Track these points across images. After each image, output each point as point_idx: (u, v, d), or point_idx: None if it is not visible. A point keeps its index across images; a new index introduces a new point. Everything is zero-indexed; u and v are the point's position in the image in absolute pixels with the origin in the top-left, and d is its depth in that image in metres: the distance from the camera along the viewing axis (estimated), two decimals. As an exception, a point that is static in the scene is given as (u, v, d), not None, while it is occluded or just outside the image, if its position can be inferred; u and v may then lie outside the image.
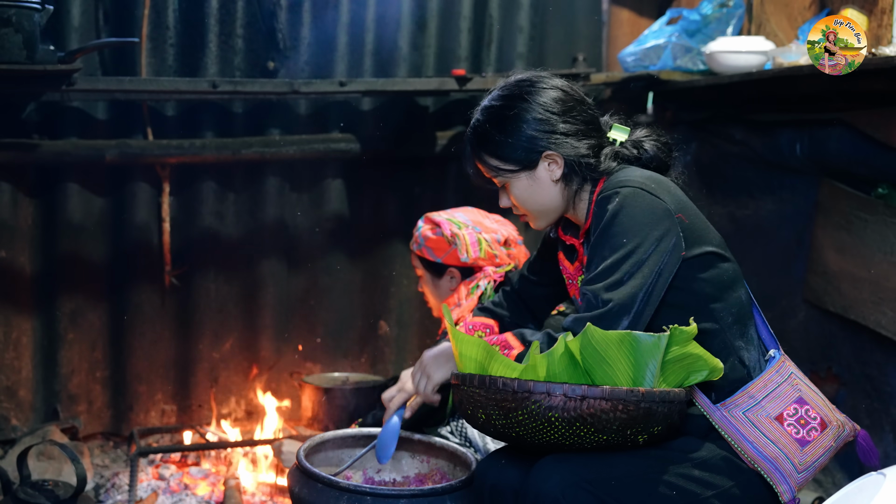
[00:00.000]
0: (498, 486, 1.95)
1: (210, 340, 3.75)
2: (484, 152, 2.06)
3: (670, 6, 3.98)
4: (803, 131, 3.20)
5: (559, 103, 2.03)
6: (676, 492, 1.83)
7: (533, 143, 2.01)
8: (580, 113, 2.05)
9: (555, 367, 1.77)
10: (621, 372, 1.76)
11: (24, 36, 2.66)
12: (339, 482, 2.14)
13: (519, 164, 2.03)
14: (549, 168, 2.03)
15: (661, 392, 1.75)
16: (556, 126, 2.01)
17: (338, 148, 3.69)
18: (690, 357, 1.80)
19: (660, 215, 1.88)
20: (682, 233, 1.90)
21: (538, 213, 2.10)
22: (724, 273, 1.97)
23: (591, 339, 1.74)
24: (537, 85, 2.05)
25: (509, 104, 2.03)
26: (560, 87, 2.05)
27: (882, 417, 3.04)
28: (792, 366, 2.00)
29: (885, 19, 2.97)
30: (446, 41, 3.86)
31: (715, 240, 1.98)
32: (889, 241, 2.92)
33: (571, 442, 1.78)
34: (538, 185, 2.05)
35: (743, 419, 1.90)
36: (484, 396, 1.80)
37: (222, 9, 3.56)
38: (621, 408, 1.73)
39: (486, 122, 2.05)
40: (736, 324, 1.96)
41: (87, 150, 3.41)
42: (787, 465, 1.88)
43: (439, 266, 2.85)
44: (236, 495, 3.08)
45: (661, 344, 1.75)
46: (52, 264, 3.53)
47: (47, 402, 3.61)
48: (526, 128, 2.01)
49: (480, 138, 2.06)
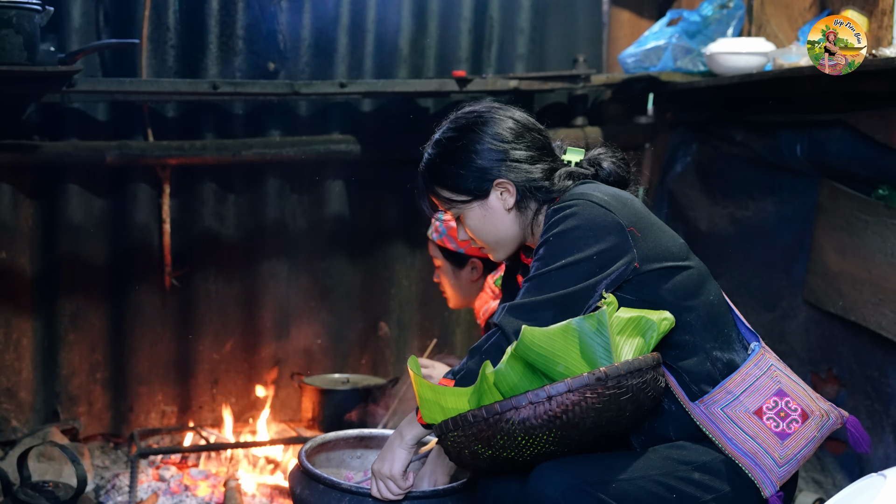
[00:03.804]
0: (501, 497, 1.95)
1: (210, 341, 3.75)
2: (436, 184, 2.08)
3: (671, 7, 3.98)
4: (804, 133, 3.20)
5: (509, 132, 2.04)
6: (676, 495, 1.83)
7: (483, 173, 2.02)
8: (531, 140, 2.06)
9: (511, 380, 1.77)
10: (576, 361, 1.76)
11: (24, 37, 2.66)
12: (341, 483, 2.14)
13: (470, 195, 2.04)
14: (500, 197, 2.03)
15: (625, 364, 1.75)
16: (507, 154, 2.02)
17: (338, 149, 3.69)
18: (631, 321, 1.81)
19: (609, 229, 1.88)
20: (635, 246, 1.89)
21: (494, 243, 2.10)
22: (688, 280, 1.95)
23: (532, 341, 1.74)
24: (485, 115, 2.06)
25: (458, 136, 2.05)
26: (510, 117, 2.07)
27: (883, 419, 3.04)
28: (772, 357, 1.99)
29: (885, 21, 2.97)
30: (447, 42, 3.87)
31: (673, 251, 1.96)
32: (889, 242, 2.92)
33: (562, 448, 1.78)
34: (491, 215, 2.05)
35: (721, 415, 1.90)
36: (462, 436, 1.80)
37: (223, 10, 3.56)
38: (590, 394, 1.72)
39: (437, 156, 2.07)
40: (707, 326, 1.94)
41: (87, 151, 3.42)
42: (766, 460, 1.87)
43: (461, 256, 2.80)
44: (237, 496, 3.08)
45: (603, 319, 1.75)
46: (52, 265, 3.53)
47: (48, 404, 3.61)
48: (476, 158, 2.02)
49: (432, 171, 2.08)
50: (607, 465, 1.84)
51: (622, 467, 1.84)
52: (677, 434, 1.94)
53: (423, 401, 1.87)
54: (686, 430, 1.93)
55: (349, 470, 2.47)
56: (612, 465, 1.84)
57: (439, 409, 1.85)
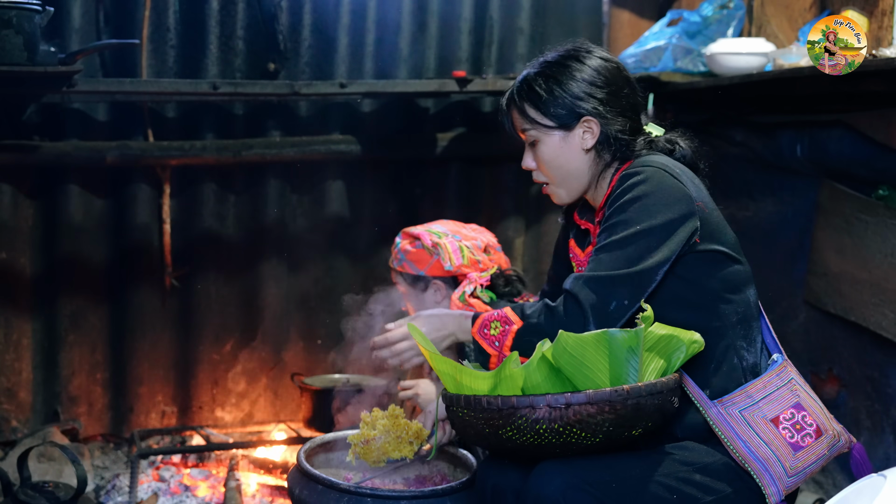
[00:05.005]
0: (499, 487, 1.95)
1: (210, 342, 3.75)
2: (527, 102, 2.06)
3: (671, 8, 3.98)
4: (804, 133, 3.20)
5: (611, 74, 2.04)
6: (677, 496, 1.83)
7: (576, 104, 2.01)
8: (629, 94, 2.06)
9: (535, 377, 1.77)
10: (602, 372, 1.75)
11: (24, 37, 2.66)
12: (340, 483, 2.14)
13: (556, 121, 2.03)
14: (583, 136, 2.03)
15: (647, 385, 1.74)
16: (602, 95, 2.02)
17: (338, 150, 3.69)
18: (663, 339, 1.81)
19: (679, 198, 1.90)
20: (700, 220, 1.91)
21: (561, 179, 2.08)
22: (736, 274, 1.97)
23: (565, 346, 1.73)
24: (595, 52, 2.06)
25: (563, 61, 2.05)
26: (618, 65, 2.07)
27: (883, 419, 3.04)
28: (794, 371, 1.99)
29: (885, 21, 2.97)
30: (447, 43, 3.86)
31: (729, 241, 1.98)
32: (889, 242, 2.92)
33: (565, 448, 1.78)
34: (568, 149, 2.04)
35: (738, 417, 1.90)
36: (472, 416, 1.80)
37: (223, 10, 3.56)
38: (608, 409, 1.72)
39: (538, 74, 2.05)
40: (740, 324, 1.96)
41: (87, 151, 3.42)
42: (777, 467, 1.87)
43: (423, 279, 2.77)
44: (237, 497, 3.08)
45: (639, 337, 1.74)
46: (52, 266, 3.53)
47: (48, 404, 3.61)
48: (574, 86, 2.02)
49: (528, 87, 2.06)
50: (608, 464, 1.84)
51: (623, 467, 1.84)
52: (683, 433, 1.94)
53: (439, 373, 1.87)
54: (693, 430, 1.93)
55: (348, 470, 2.47)
56: (612, 465, 1.84)
57: (454, 381, 1.85)
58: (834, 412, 2.16)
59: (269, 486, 3.29)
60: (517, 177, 3.99)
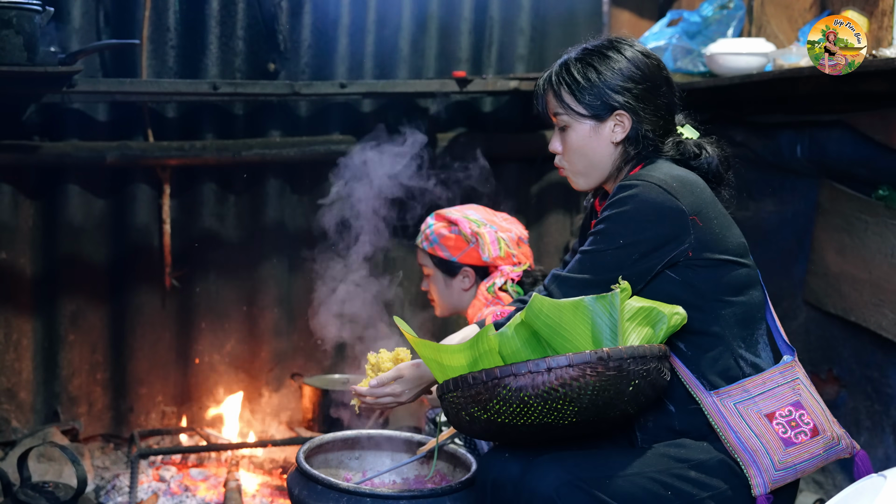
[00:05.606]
0: (500, 479, 1.95)
1: (210, 342, 3.75)
2: (563, 86, 2.06)
3: (671, 8, 3.98)
4: (804, 133, 3.20)
5: (650, 70, 2.04)
6: (672, 492, 1.83)
7: (611, 95, 2.01)
8: (666, 93, 2.06)
9: (513, 343, 1.81)
10: (581, 337, 1.77)
11: (24, 38, 2.66)
12: (339, 484, 2.14)
13: (590, 111, 2.03)
14: (613, 129, 2.04)
15: (629, 348, 1.75)
16: (638, 91, 2.02)
17: (338, 150, 3.68)
18: (642, 310, 1.83)
19: (664, 216, 1.90)
20: (694, 234, 1.91)
21: (584, 168, 2.09)
22: (738, 278, 1.97)
23: (539, 310, 1.77)
24: (637, 47, 2.07)
25: (604, 50, 2.05)
26: (658, 63, 2.07)
27: (883, 419, 3.04)
28: (800, 372, 1.99)
29: (885, 21, 2.97)
30: (447, 43, 3.87)
31: (732, 247, 1.98)
32: (889, 242, 2.92)
33: (558, 420, 1.78)
34: (597, 140, 2.05)
35: (732, 409, 1.90)
36: (461, 397, 1.82)
37: (223, 10, 3.56)
38: (590, 371, 1.73)
39: (578, 60, 2.06)
40: (738, 326, 1.95)
41: (87, 151, 3.42)
42: (765, 459, 1.87)
43: (453, 265, 2.77)
44: (237, 497, 3.08)
45: (614, 302, 1.77)
46: (52, 266, 3.53)
47: (48, 404, 3.61)
48: (611, 76, 2.02)
49: (566, 71, 2.06)
50: (602, 461, 1.84)
51: (618, 464, 1.84)
52: (682, 426, 1.94)
53: (424, 359, 1.91)
54: (691, 423, 1.94)
55: (347, 471, 2.47)
56: (607, 462, 1.84)
57: (438, 366, 1.88)
58: (834, 412, 2.16)
59: (268, 487, 3.29)
60: (517, 177, 3.99)
